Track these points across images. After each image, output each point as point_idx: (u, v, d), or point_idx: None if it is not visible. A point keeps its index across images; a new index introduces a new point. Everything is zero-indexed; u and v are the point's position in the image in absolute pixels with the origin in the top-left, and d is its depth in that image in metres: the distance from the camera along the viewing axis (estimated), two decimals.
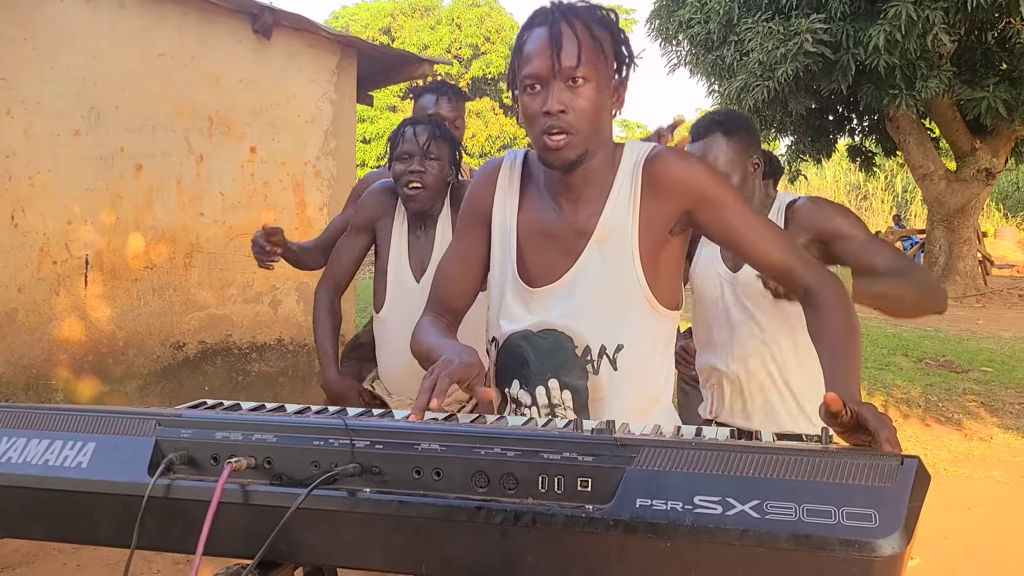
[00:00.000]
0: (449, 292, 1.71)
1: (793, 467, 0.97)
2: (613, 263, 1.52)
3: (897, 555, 0.91)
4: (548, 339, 1.57)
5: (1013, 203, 29.89)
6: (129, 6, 4.94)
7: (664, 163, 1.53)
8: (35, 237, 4.70)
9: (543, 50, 1.45)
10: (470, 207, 1.70)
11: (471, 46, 34.16)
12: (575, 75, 1.44)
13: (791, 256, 1.51)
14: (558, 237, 1.57)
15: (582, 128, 1.47)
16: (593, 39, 1.46)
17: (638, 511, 0.97)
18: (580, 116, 1.46)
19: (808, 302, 1.49)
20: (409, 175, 2.38)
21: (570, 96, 1.45)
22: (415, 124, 2.43)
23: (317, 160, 5.68)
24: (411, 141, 2.39)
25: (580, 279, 1.54)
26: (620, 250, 1.52)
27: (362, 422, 1.16)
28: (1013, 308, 12.94)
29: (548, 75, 1.45)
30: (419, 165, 2.37)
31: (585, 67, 1.44)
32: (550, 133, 1.46)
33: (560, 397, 1.57)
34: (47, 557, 3.42)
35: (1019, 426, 5.90)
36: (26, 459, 1.18)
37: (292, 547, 1.09)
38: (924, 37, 9.74)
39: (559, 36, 1.44)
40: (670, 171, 1.52)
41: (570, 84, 1.45)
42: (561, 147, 1.47)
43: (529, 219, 1.61)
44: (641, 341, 1.55)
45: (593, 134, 1.49)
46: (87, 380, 4.91)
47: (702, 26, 12.36)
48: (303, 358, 5.69)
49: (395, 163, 2.42)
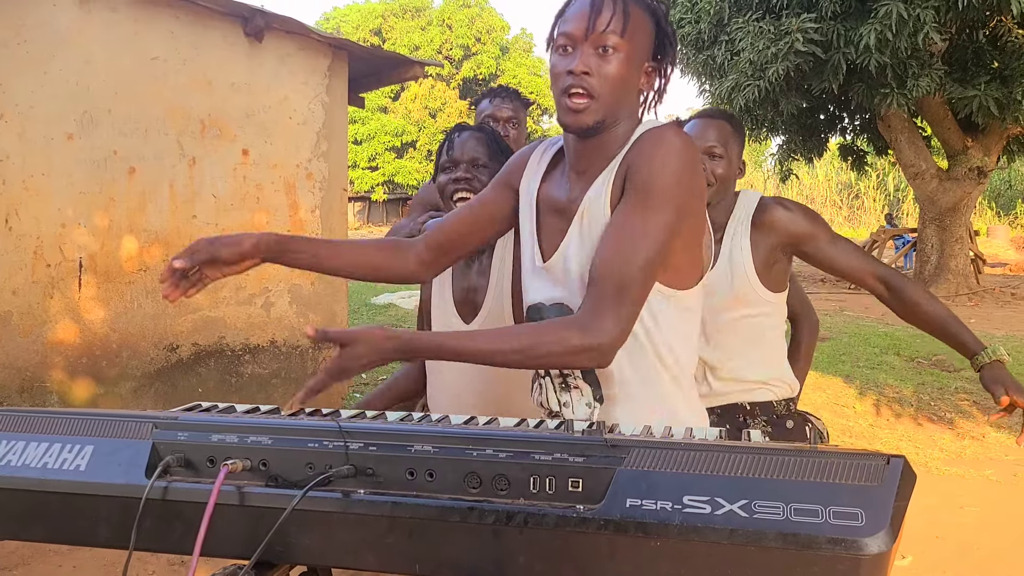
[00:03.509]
0: (447, 223, 1.74)
1: (781, 467, 0.99)
2: (588, 241, 1.51)
3: (883, 553, 0.93)
4: (554, 311, 1.58)
5: (1005, 201, 30.00)
6: (122, 10, 4.94)
7: (640, 140, 1.51)
8: (29, 240, 4.70)
9: (581, 13, 1.46)
10: (504, 174, 1.73)
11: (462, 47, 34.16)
12: (607, 43, 1.45)
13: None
14: (562, 212, 1.58)
15: (603, 94, 1.47)
16: (634, 16, 1.47)
17: (628, 511, 0.99)
18: (603, 81, 1.46)
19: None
20: (454, 184, 2.08)
21: (598, 62, 1.46)
22: (461, 131, 2.17)
23: (309, 162, 5.68)
24: (457, 148, 2.11)
25: (568, 255, 1.55)
26: (595, 227, 1.50)
27: (356, 424, 1.17)
28: (1005, 307, 12.99)
29: (580, 38, 1.46)
30: (466, 172, 2.08)
31: (618, 36, 1.45)
32: (571, 94, 1.47)
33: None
34: (43, 558, 3.42)
35: (1011, 425, 5.93)
36: (25, 462, 1.20)
37: (287, 548, 1.10)
38: (915, 36, 9.77)
39: (601, 3, 1.46)
40: (642, 145, 1.50)
41: (600, 51, 1.46)
42: (580, 109, 1.47)
43: (546, 194, 1.64)
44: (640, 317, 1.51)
45: (614, 103, 1.49)
46: (81, 382, 4.91)
47: (693, 26, 12.38)
48: (296, 360, 5.69)
49: (440, 175, 2.14)
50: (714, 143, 2.23)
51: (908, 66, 10.55)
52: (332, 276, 2.29)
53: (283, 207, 5.60)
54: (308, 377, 4.46)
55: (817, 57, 10.57)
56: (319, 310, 5.81)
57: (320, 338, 1.33)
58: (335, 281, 5.91)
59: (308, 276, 5.74)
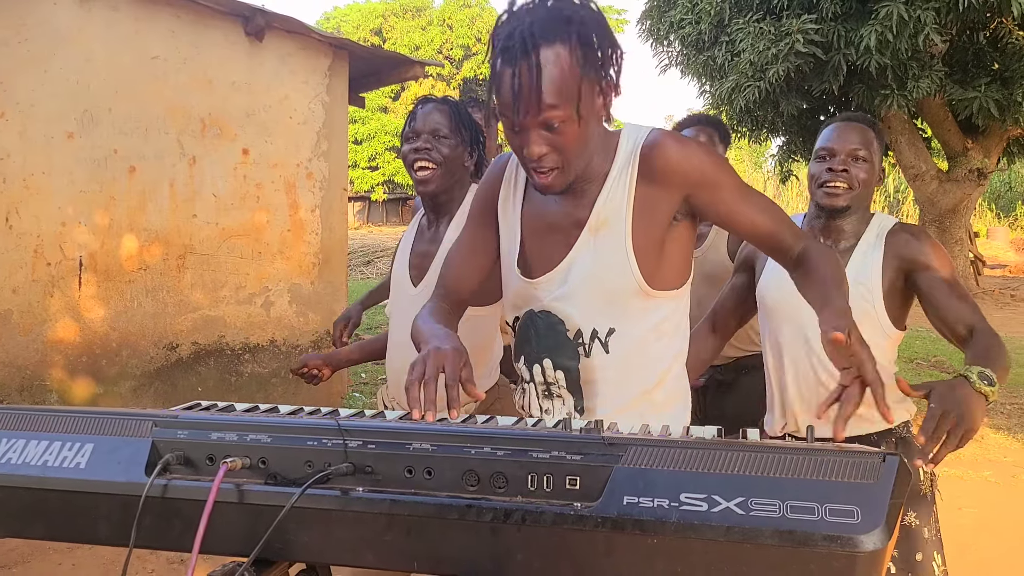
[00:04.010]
0: (455, 280, 1.74)
1: (777, 465, 0.99)
2: (606, 252, 1.53)
3: (879, 550, 0.93)
4: (545, 320, 1.60)
5: (1005, 203, 29.98)
6: (122, 9, 4.95)
7: (662, 150, 1.50)
8: (29, 239, 4.71)
9: (517, 107, 1.38)
10: (480, 199, 1.74)
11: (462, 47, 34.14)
12: (550, 121, 1.39)
13: (782, 226, 1.54)
14: (557, 228, 1.59)
15: (567, 160, 1.45)
16: (566, 70, 1.37)
17: (625, 508, 0.99)
18: (563, 152, 1.44)
19: (798, 265, 1.52)
20: (414, 154, 2.14)
21: (549, 137, 1.41)
22: (425, 102, 2.22)
23: (309, 162, 5.69)
24: (420, 119, 2.16)
25: (574, 268, 1.56)
26: (613, 238, 1.52)
27: (355, 422, 1.17)
28: (1004, 308, 13.01)
29: (523, 124, 1.41)
30: (426, 143, 2.13)
31: (561, 113, 1.39)
32: (536, 171, 1.46)
33: (554, 376, 1.61)
34: (43, 556, 3.43)
35: (1010, 426, 5.93)
36: (25, 460, 1.20)
37: (286, 545, 1.11)
38: (915, 37, 9.77)
39: (531, 89, 1.36)
40: (668, 158, 1.49)
41: (547, 130, 1.41)
42: (550, 183, 1.47)
43: (532, 212, 1.63)
44: (635, 326, 1.56)
45: (580, 159, 1.48)
46: (81, 381, 4.91)
47: (693, 27, 12.38)
48: (295, 359, 5.69)
49: (403, 144, 2.19)
50: (858, 145, 2.11)
51: (908, 67, 10.55)
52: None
53: (283, 206, 5.60)
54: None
55: (817, 58, 10.57)
56: (319, 309, 5.82)
57: None
58: (335, 281, 5.92)
59: (308, 275, 5.75)
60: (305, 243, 5.70)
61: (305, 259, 5.68)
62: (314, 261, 5.75)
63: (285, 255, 5.60)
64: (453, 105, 2.21)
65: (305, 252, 5.69)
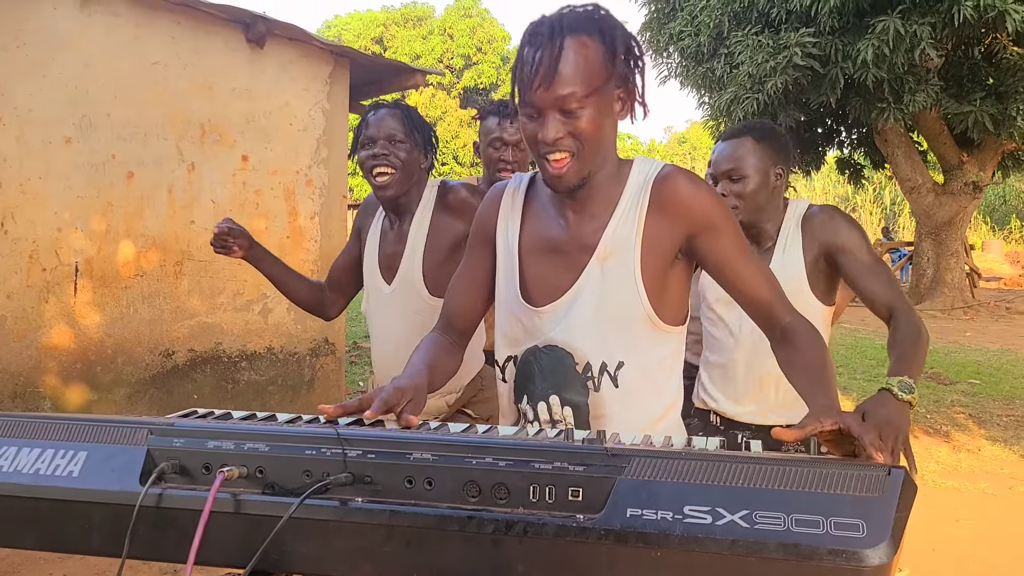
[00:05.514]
0: (455, 311, 1.72)
1: (782, 477, 0.98)
2: (614, 281, 1.51)
3: (884, 565, 0.92)
4: (550, 355, 1.56)
5: (1000, 216, 30.11)
6: (123, 14, 4.95)
7: (674, 184, 1.50)
8: (25, 244, 4.69)
9: (536, 82, 1.41)
10: (476, 228, 1.71)
11: (463, 56, 34.23)
12: (568, 107, 1.41)
13: (774, 296, 1.53)
14: (562, 251, 1.56)
15: (583, 149, 1.45)
16: (590, 58, 1.41)
17: (628, 520, 0.98)
18: (579, 138, 1.44)
19: (784, 340, 1.51)
20: (372, 160, 2.22)
21: (567, 122, 1.42)
22: (376, 108, 2.29)
23: (309, 169, 5.68)
24: (373, 125, 2.24)
25: (581, 296, 1.53)
26: (622, 268, 1.51)
27: (354, 431, 1.16)
28: (1000, 321, 13.02)
29: (541, 106, 1.42)
30: (383, 148, 2.21)
31: (580, 95, 1.40)
32: (550, 156, 1.45)
33: (561, 413, 1.56)
34: (33, 566, 3.40)
35: (1007, 438, 5.92)
36: (17, 468, 1.18)
37: (284, 556, 1.09)
38: (912, 52, 9.82)
39: (552, 66, 1.39)
40: (678, 192, 1.50)
41: (565, 115, 1.42)
42: (563, 171, 1.45)
43: (532, 237, 1.61)
44: (643, 358, 1.54)
45: (595, 154, 1.47)
46: (75, 388, 4.89)
47: (692, 39, 12.44)
48: (293, 366, 5.68)
49: (360, 151, 2.26)
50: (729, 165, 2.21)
51: (905, 81, 10.62)
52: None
53: (282, 213, 5.59)
54: (304, 384, 4.44)
55: (815, 71, 10.62)
56: (316, 317, 5.79)
57: None
58: None
59: None
60: (304, 250, 5.69)
61: (304, 266, 5.66)
62: (313, 268, 5.73)
63: (284, 262, 5.57)
64: (404, 109, 2.30)
65: (304, 259, 5.67)
